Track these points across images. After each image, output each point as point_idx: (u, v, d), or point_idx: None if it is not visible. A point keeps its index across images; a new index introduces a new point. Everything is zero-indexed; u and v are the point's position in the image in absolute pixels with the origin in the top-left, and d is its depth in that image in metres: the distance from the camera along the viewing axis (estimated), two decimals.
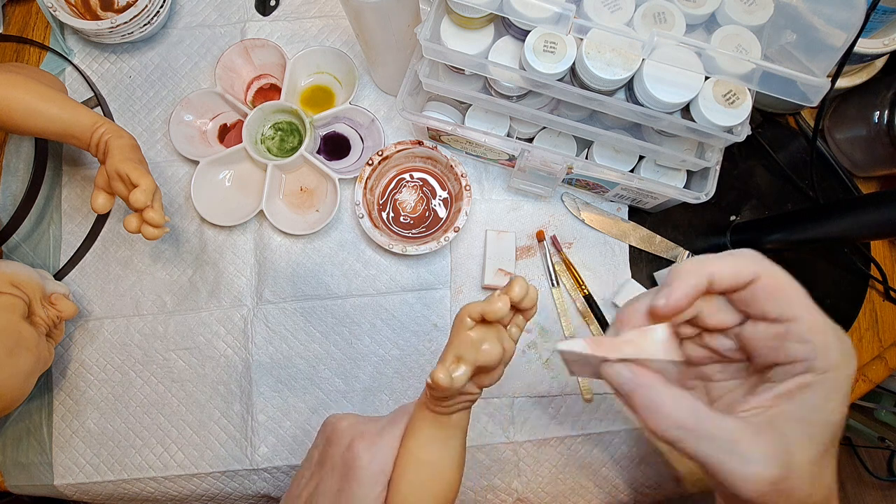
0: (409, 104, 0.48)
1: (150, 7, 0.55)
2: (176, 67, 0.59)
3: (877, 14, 0.47)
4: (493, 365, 0.32)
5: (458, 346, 0.32)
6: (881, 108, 0.52)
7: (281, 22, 0.60)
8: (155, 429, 0.53)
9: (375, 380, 0.54)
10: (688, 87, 0.40)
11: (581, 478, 0.52)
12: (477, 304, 0.32)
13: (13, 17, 0.62)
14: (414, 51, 0.47)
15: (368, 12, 0.42)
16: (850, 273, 0.57)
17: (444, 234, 0.51)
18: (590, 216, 0.55)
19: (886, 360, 0.56)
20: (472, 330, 0.32)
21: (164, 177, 0.57)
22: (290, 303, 0.54)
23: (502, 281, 0.52)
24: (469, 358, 0.31)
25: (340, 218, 0.56)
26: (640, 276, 0.55)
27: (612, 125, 0.49)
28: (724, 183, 0.52)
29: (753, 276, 0.26)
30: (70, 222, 0.57)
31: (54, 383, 0.54)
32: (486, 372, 0.33)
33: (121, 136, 0.45)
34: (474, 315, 0.32)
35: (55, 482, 0.52)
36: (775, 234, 0.52)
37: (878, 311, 0.57)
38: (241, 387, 0.53)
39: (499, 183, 0.56)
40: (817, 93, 0.35)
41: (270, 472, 0.52)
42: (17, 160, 0.57)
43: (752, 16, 0.41)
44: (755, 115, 0.58)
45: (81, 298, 0.55)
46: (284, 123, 0.57)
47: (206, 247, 0.56)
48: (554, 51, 0.41)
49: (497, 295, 0.31)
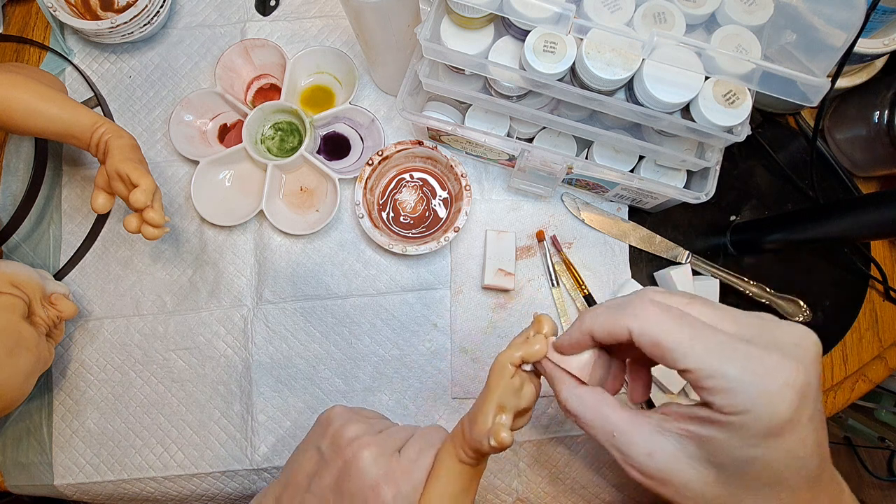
0: (409, 104, 0.48)
1: (150, 7, 0.55)
2: (176, 67, 0.59)
3: (877, 14, 0.47)
4: (532, 406, 0.32)
5: (503, 395, 0.31)
6: (881, 108, 0.52)
7: (281, 22, 0.60)
8: (155, 429, 0.53)
9: (375, 380, 0.54)
10: (688, 87, 0.40)
11: (581, 478, 0.52)
12: (515, 350, 0.31)
13: (13, 17, 0.62)
14: (414, 51, 0.47)
15: (368, 12, 0.42)
16: (850, 273, 0.57)
17: (444, 234, 0.51)
18: (590, 216, 0.55)
19: (886, 360, 0.56)
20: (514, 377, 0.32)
21: (164, 177, 0.57)
22: (290, 303, 0.54)
23: (502, 281, 0.52)
24: (511, 405, 0.31)
25: (340, 218, 0.56)
26: (640, 276, 0.55)
27: (612, 125, 0.49)
28: (724, 183, 0.52)
29: (628, 333, 0.26)
30: (70, 222, 0.57)
31: (54, 383, 0.54)
32: (523, 414, 0.33)
33: (121, 136, 0.45)
34: (516, 362, 0.31)
35: (55, 482, 0.52)
36: (775, 234, 0.52)
37: (878, 311, 0.57)
38: (241, 387, 0.53)
39: (499, 183, 0.56)
40: (817, 93, 0.35)
41: (270, 472, 0.52)
42: (17, 160, 0.57)
43: (752, 16, 0.41)
44: (755, 115, 0.58)
45: (81, 298, 0.55)
46: (284, 123, 0.57)
47: (206, 247, 0.56)
48: (554, 51, 0.41)
49: (533, 336, 0.31)
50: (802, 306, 0.54)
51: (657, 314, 0.26)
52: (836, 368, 0.56)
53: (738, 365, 0.23)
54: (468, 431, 0.32)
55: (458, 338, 0.54)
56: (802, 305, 0.54)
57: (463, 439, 0.33)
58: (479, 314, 0.54)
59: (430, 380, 0.53)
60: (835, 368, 0.56)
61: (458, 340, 0.54)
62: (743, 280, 0.54)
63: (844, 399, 0.55)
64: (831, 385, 0.55)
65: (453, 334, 0.54)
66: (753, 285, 0.54)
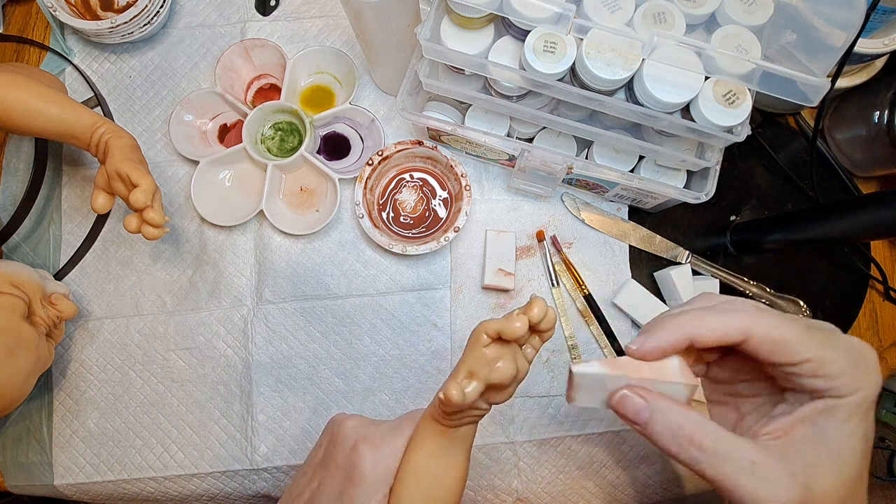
0: (409, 104, 0.48)
1: (150, 7, 0.55)
2: (176, 67, 0.59)
3: (877, 14, 0.47)
4: (505, 383, 0.31)
5: (473, 362, 0.31)
6: (881, 108, 0.52)
7: (281, 22, 0.60)
8: (155, 429, 0.53)
9: (375, 380, 0.54)
10: (688, 87, 0.40)
11: (581, 478, 0.53)
12: (495, 322, 0.31)
13: (13, 17, 0.62)
14: (414, 51, 0.47)
15: (368, 12, 0.42)
16: (850, 273, 0.57)
17: (444, 234, 0.51)
18: (590, 216, 0.55)
19: (886, 360, 0.56)
20: (488, 347, 0.31)
21: (164, 177, 0.57)
22: (290, 303, 0.54)
23: (502, 281, 0.52)
24: (482, 375, 0.31)
25: (340, 218, 0.56)
26: (640, 276, 0.55)
27: (612, 125, 0.49)
28: (724, 183, 0.52)
29: (743, 335, 0.27)
30: (70, 222, 0.57)
31: (54, 383, 0.54)
32: (498, 390, 0.33)
33: (121, 136, 0.45)
34: (491, 332, 0.31)
35: (55, 482, 0.52)
36: (775, 234, 0.52)
37: (878, 311, 0.57)
38: (241, 387, 0.53)
39: (499, 183, 0.56)
40: (817, 93, 0.35)
41: (270, 472, 0.52)
42: (17, 160, 0.57)
43: (752, 16, 0.41)
44: (755, 115, 0.58)
45: (81, 298, 0.55)
46: (284, 123, 0.57)
47: (206, 247, 0.56)
48: (554, 51, 0.41)
49: (516, 314, 0.31)
50: (802, 306, 0.54)
51: (762, 313, 0.27)
52: None
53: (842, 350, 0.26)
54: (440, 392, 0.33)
55: (458, 338, 0.54)
56: (802, 305, 0.54)
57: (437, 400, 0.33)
58: (479, 314, 0.54)
59: (430, 380, 0.53)
60: None
61: (458, 340, 0.54)
62: (743, 280, 0.54)
63: None
64: None
65: (453, 334, 0.54)
66: (753, 285, 0.54)
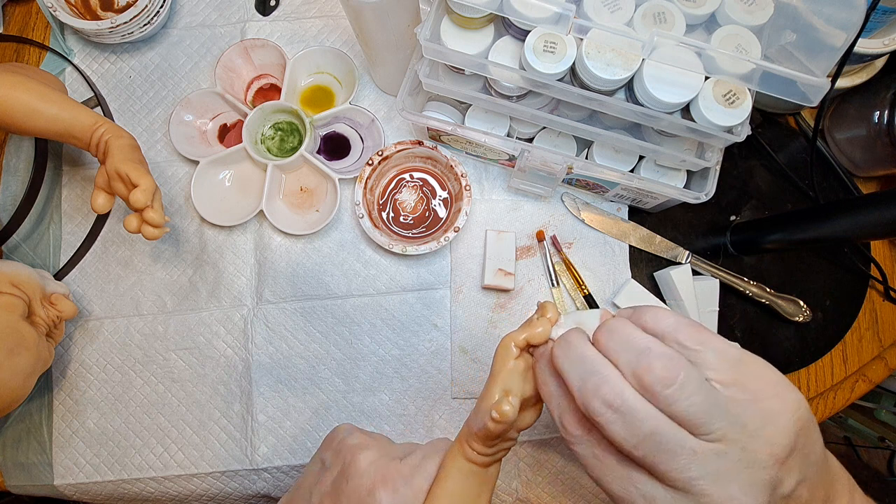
0: (409, 104, 0.48)
1: (150, 7, 0.55)
2: (176, 67, 0.59)
3: (877, 14, 0.47)
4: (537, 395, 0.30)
5: (505, 378, 0.30)
6: (881, 108, 0.52)
7: (281, 22, 0.60)
8: (155, 429, 0.53)
9: (375, 380, 0.53)
10: (688, 87, 0.40)
11: (581, 478, 0.52)
12: (519, 332, 0.30)
13: (13, 17, 0.62)
14: (414, 51, 0.47)
15: (368, 12, 0.42)
16: (850, 273, 0.57)
17: (444, 234, 0.51)
18: (590, 216, 0.55)
19: (886, 360, 0.56)
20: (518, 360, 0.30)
21: (164, 177, 0.57)
22: (290, 303, 0.54)
23: (502, 281, 0.52)
24: (516, 389, 0.30)
25: (340, 218, 0.56)
26: (641, 276, 0.55)
27: (612, 125, 0.49)
28: (724, 183, 0.52)
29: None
30: (70, 222, 0.57)
31: (54, 383, 0.54)
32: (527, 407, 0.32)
33: (121, 136, 0.45)
34: (520, 342, 0.30)
35: (55, 482, 0.52)
36: (775, 234, 0.52)
37: (878, 311, 0.57)
38: (241, 387, 0.53)
39: (499, 183, 0.56)
40: (817, 93, 0.35)
41: (270, 472, 0.52)
42: (17, 160, 0.57)
43: (752, 16, 0.41)
44: (755, 115, 0.58)
45: (81, 298, 0.55)
46: (284, 123, 0.57)
47: (206, 247, 0.56)
48: (554, 51, 0.41)
49: (536, 320, 0.30)
50: (802, 306, 0.54)
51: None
52: (836, 368, 0.56)
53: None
54: (473, 421, 0.31)
55: (458, 338, 0.54)
56: (802, 305, 0.54)
57: (469, 432, 0.32)
58: (480, 314, 0.54)
59: (430, 380, 0.53)
60: (835, 368, 0.56)
61: (458, 340, 0.54)
62: (743, 280, 0.54)
63: (844, 399, 0.55)
64: (831, 385, 0.55)
65: (453, 334, 0.54)
66: (753, 285, 0.54)
